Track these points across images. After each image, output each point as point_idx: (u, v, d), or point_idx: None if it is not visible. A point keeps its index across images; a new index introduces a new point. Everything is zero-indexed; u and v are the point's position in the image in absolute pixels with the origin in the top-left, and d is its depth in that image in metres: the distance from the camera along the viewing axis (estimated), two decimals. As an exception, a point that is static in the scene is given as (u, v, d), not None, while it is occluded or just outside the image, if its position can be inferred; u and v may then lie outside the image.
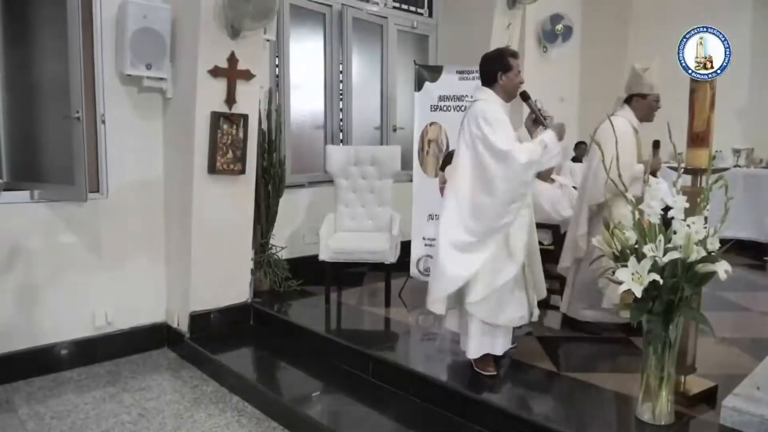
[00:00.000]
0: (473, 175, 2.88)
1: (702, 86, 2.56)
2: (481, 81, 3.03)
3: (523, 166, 2.76)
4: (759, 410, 2.36)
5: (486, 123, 2.82)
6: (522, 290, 3.03)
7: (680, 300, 2.30)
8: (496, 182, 2.79)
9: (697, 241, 2.25)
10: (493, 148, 2.79)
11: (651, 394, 2.45)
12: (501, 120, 2.85)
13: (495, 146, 2.78)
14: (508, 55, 2.98)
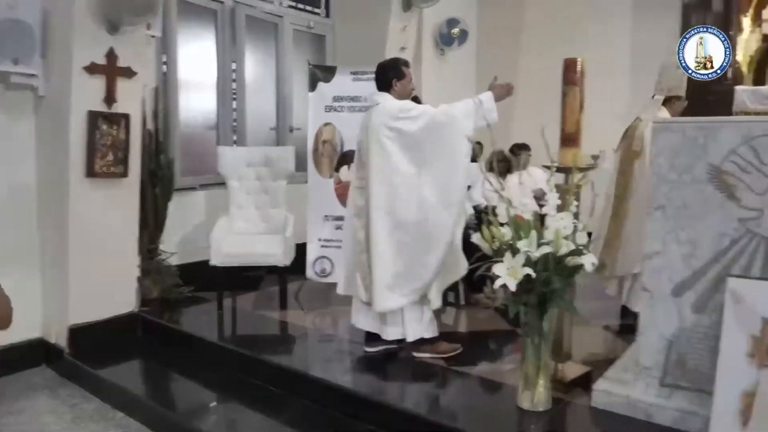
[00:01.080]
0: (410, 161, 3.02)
1: (571, 90, 2.71)
2: (378, 87, 3.24)
3: (452, 117, 2.99)
4: (625, 391, 2.53)
5: (401, 111, 3.04)
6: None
7: (553, 292, 2.41)
8: (439, 150, 2.95)
9: (565, 236, 2.37)
10: (417, 123, 2.99)
11: (529, 382, 2.56)
12: (408, 102, 3.12)
13: (418, 120, 2.99)
14: (402, 64, 3.25)
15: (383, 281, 3.08)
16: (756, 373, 2.18)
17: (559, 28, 7.52)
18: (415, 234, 3.04)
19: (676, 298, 2.39)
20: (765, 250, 2.21)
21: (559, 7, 7.59)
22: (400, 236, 3.07)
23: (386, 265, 3.08)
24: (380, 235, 3.09)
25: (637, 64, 7.18)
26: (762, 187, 2.19)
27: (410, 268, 3.04)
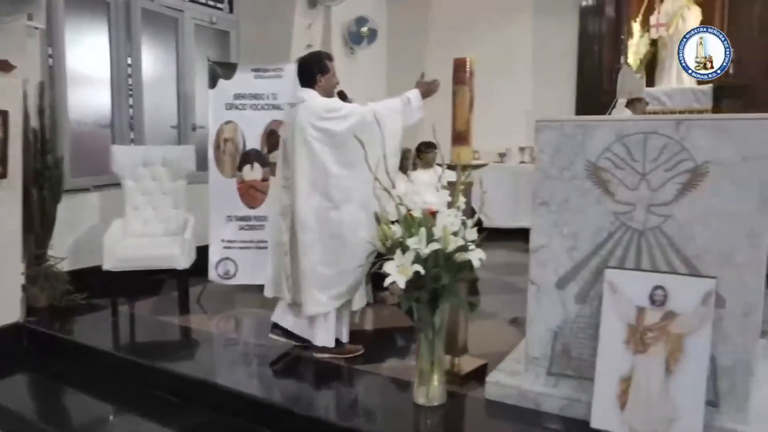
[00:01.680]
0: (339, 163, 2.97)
1: (461, 89, 2.76)
2: (301, 82, 3.14)
3: (380, 115, 2.95)
4: (516, 382, 2.61)
5: (328, 110, 2.97)
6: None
7: (444, 287, 2.45)
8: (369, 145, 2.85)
9: (455, 232, 2.41)
10: (346, 123, 2.94)
11: (424, 377, 2.59)
12: (336, 101, 3.06)
13: (347, 120, 2.94)
14: (325, 58, 3.16)
15: (312, 284, 3.03)
16: (632, 359, 2.31)
17: (464, 28, 7.70)
18: (343, 236, 3.00)
19: (560, 290, 2.49)
20: (638, 242, 2.33)
21: (463, 8, 7.77)
22: (328, 238, 3.01)
23: (315, 267, 3.02)
24: (307, 237, 3.02)
25: (539, 64, 7.48)
26: (634, 182, 2.31)
27: (339, 270, 3.00)
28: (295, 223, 3.05)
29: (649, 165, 2.28)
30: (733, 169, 2.15)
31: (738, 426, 2.21)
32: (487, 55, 7.75)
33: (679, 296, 2.24)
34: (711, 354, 2.23)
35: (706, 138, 2.18)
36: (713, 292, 2.19)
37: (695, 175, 2.21)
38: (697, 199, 2.21)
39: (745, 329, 2.20)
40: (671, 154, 2.24)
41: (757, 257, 2.15)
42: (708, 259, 2.22)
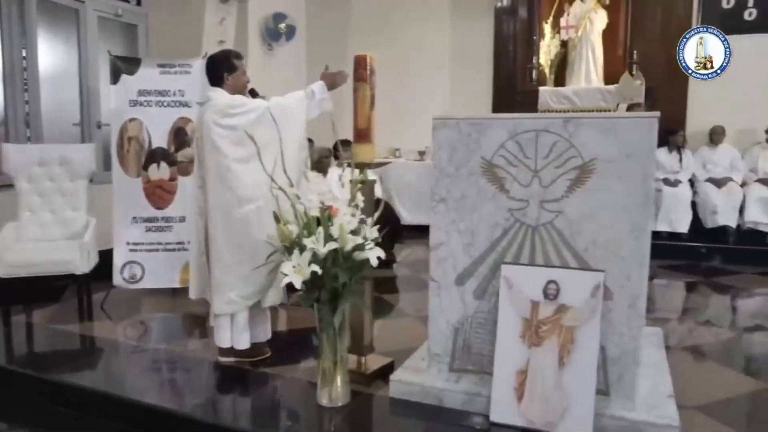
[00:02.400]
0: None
1: (362, 86, 2.73)
2: (210, 81, 3.10)
3: (285, 109, 2.93)
4: (419, 379, 2.61)
5: (232, 107, 2.90)
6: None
7: (344, 287, 2.42)
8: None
9: (354, 231, 2.39)
10: (248, 118, 2.87)
11: (327, 378, 2.55)
12: (240, 97, 3.00)
13: (250, 115, 2.88)
14: (233, 57, 3.11)
15: (223, 283, 2.96)
16: (527, 352, 2.36)
17: (384, 27, 7.73)
18: (252, 235, 2.91)
19: (459, 286, 2.51)
20: (532, 237, 2.38)
21: (382, 7, 7.79)
22: (238, 237, 2.93)
23: (226, 266, 2.95)
24: (219, 236, 2.95)
25: (458, 63, 7.59)
26: (527, 179, 2.36)
27: (249, 269, 2.90)
28: (209, 222, 3.00)
29: (540, 162, 2.33)
30: (618, 165, 2.23)
31: (626, 413, 2.30)
32: (407, 54, 7.85)
33: (571, 290, 2.30)
34: (601, 344, 2.31)
35: (593, 136, 2.25)
36: (601, 285, 2.27)
37: (583, 172, 2.28)
38: (585, 195, 2.28)
39: (630, 320, 2.29)
40: (561, 151, 2.30)
41: (641, 250, 2.24)
42: (596, 253, 2.29)
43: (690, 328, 3.93)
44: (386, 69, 7.88)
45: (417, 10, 7.67)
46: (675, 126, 6.43)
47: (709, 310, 4.46)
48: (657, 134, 2.24)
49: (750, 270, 5.44)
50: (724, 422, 2.48)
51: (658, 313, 4.22)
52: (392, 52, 7.74)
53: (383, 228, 2.53)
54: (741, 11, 6.59)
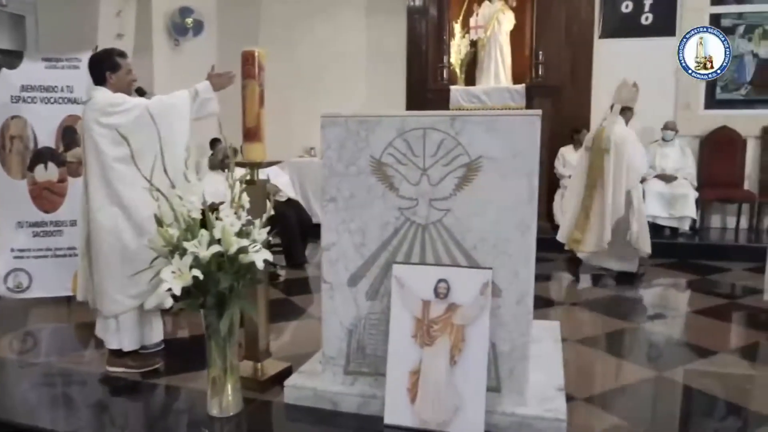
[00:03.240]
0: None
1: (250, 83, 2.64)
2: (93, 80, 3.00)
3: (167, 108, 2.84)
4: (314, 384, 2.55)
5: (111, 105, 2.81)
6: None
7: (231, 291, 2.32)
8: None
9: (240, 233, 2.29)
10: (128, 117, 2.78)
11: (217, 387, 2.44)
12: (120, 95, 2.88)
13: (130, 113, 2.78)
14: (116, 55, 3.01)
15: (109, 284, 2.86)
16: (419, 352, 2.34)
17: (296, 23, 7.61)
18: (139, 233, 2.80)
19: (352, 287, 2.46)
20: (422, 236, 2.36)
21: (295, 3, 7.66)
22: (123, 236, 2.83)
23: (108, 269, 2.85)
24: (101, 238, 2.85)
25: (372, 61, 7.57)
26: (416, 177, 2.34)
27: (134, 270, 2.75)
28: (90, 223, 2.91)
29: (428, 160, 2.32)
30: (504, 163, 2.24)
31: (517, 408, 2.32)
32: (321, 51, 7.76)
33: (460, 288, 2.30)
34: (491, 341, 2.32)
35: (479, 134, 2.26)
36: (490, 283, 2.28)
37: (470, 170, 2.28)
38: (472, 192, 2.28)
39: (519, 316, 2.31)
40: (448, 149, 2.29)
41: (527, 247, 2.26)
42: (485, 251, 2.30)
43: (590, 320, 4.06)
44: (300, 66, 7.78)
45: (331, 8, 7.59)
46: (580, 125, 6.67)
47: (611, 301, 4.62)
48: (540, 132, 2.26)
49: (649, 262, 5.70)
50: (611, 412, 2.56)
51: (564, 306, 4.35)
52: (306, 49, 7.64)
53: (290, 229, 2.45)
54: (638, 16, 6.91)
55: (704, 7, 6.82)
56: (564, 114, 6.73)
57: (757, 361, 3.30)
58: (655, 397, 2.81)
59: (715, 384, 2.93)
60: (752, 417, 2.54)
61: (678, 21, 6.82)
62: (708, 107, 6.91)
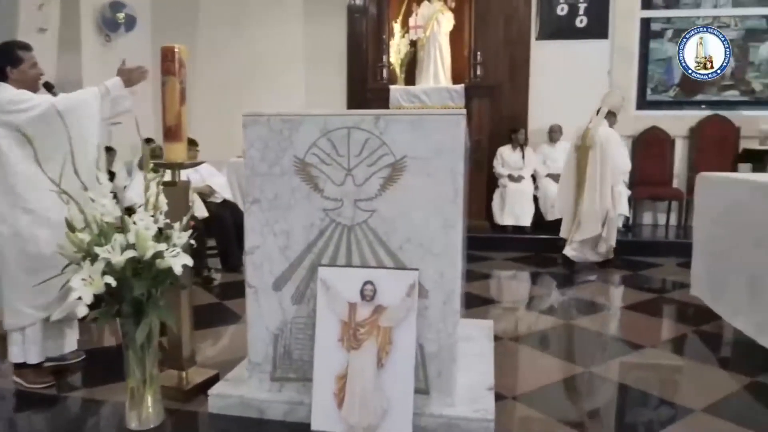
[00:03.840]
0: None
1: (170, 80, 2.53)
2: None
3: (74, 105, 2.68)
4: (239, 391, 2.47)
5: (11, 103, 2.64)
6: None
7: (149, 298, 2.22)
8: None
9: (155, 237, 2.19)
10: (30, 114, 2.62)
11: (137, 399, 2.33)
12: (23, 92, 2.70)
13: (33, 111, 2.62)
14: (18, 48, 2.81)
15: (12, 295, 2.70)
16: (346, 356, 2.29)
17: (234, 20, 7.45)
18: (39, 242, 2.65)
19: (277, 291, 2.39)
20: (348, 238, 2.32)
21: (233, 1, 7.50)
22: (30, 245, 2.66)
23: (12, 277, 2.68)
24: (4, 244, 2.68)
25: (311, 59, 7.47)
26: (340, 178, 2.29)
27: (40, 279, 2.58)
28: None
29: (353, 160, 2.27)
30: (429, 162, 2.22)
31: (446, 410, 2.30)
32: (260, 49, 7.61)
33: (387, 290, 2.27)
34: (418, 343, 2.29)
35: (403, 133, 2.23)
36: (416, 284, 2.25)
37: (395, 170, 2.25)
38: (397, 192, 2.25)
39: (446, 316, 2.29)
40: (372, 149, 2.25)
41: (453, 246, 2.25)
42: (411, 251, 2.27)
43: (526, 318, 4.11)
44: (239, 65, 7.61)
45: (271, 5, 7.46)
46: (518, 125, 6.78)
47: (547, 298, 4.70)
48: (464, 131, 2.25)
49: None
50: (539, 410, 2.58)
51: (501, 304, 4.39)
52: (246, 48, 7.49)
53: (225, 231, 2.35)
54: (573, 19, 7.08)
55: (635, 11, 7.05)
56: (503, 114, 6.83)
57: (684, 354, 3.40)
58: (583, 393, 2.85)
59: (642, 378, 3.00)
60: (679, 409, 2.60)
61: (610, 24, 7.02)
62: (639, 108, 7.14)
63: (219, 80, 7.37)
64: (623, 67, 7.05)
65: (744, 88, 7.05)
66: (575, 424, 2.46)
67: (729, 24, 7.01)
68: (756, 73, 7.02)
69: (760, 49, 6.99)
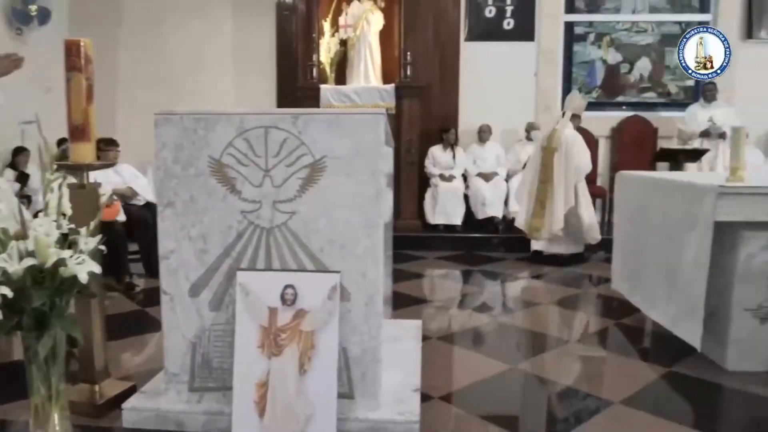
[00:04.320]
0: None
1: (75, 77, 2.38)
2: None
3: None
4: (156, 404, 2.35)
5: None
6: None
7: (53, 309, 2.08)
8: None
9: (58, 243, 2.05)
10: None
11: (41, 417, 2.18)
12: None
13: None
14: None
15: None
16: (267, 363, 2.22)
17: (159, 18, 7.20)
18: None
19: (194, 297, 2.30)
20: (267, 240, 2.25)
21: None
22: None
23: None
24: None
25: (240, 59, 7.31)
26: (258, 179, 2.22)
27: None
28: None
29: (271, 160, 2.21)
30: (349, 162, 2.18)
31: (371, 413, 2.27)
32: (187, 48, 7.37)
33: (308, 293, 2.21)
34: (342, 346, 2.25)
35: (322, 133, 2.18)
36: (338, 286, 2.21)
37: (314, 170, 2.20)
38: (318, 193, 2.20)
39: (369, 318, 2.26)
40: (291, 149, 2.19)
41: (375, 247, 2.22)
42: (332, 253, 2.23)
43: (454, 316, 4.14)
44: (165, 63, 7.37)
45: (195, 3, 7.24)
46: (448, 125, 6.84)
47: (478, 296, 4.76)
48: (385, 130, 2.23)
49: (514, 256, 5.96)
50: (465, 409, 2.58)
51: (432, 303, 4.40)
52: (171, 45, 7.24)
53: (148, 235, 2.23)
54: (501, 21, 7.22)
55: (559, 15, 7.26)
56: (434, 114, 6.88)
57: (606, 347, 3.50)
58: (509, 390, 2.88)
59: (565, 372, 3.08)
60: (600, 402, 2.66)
61: (536, 27, 7.20)
62: (565, 109, 7.35)
63: (144, 78, 7.10)
64: (549, 69, 7.25)
65: (661, 90, 7.40)
66: (500, 421, 2.48)
67: (646, 29, 7.35)
68: (671, 76, 7.38)
69: (675, 54, 7.35)
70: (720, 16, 7.13)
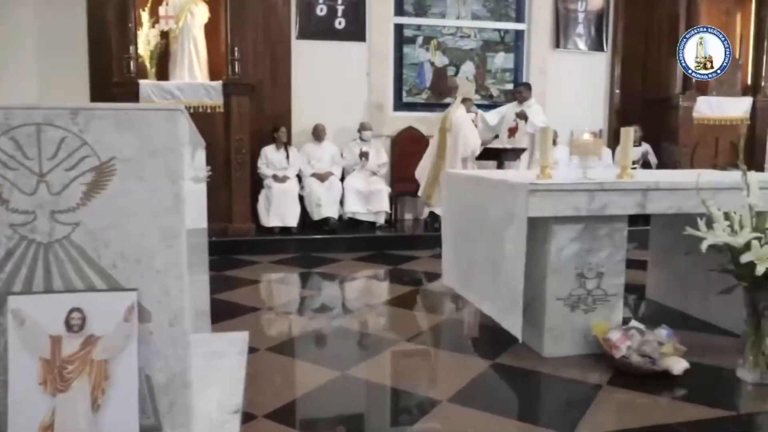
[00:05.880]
0: None
1: None
2: None
3: None
4: None
5: None
6: None
7: None
8: None
9: None
10: None
11: None
12: None
13: None
14: None
15: None
16: (51, 401, 1.89)
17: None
18: None
19: None
20: (45, 258, 1.91)
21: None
22: None
23: None
24: None
25: (45, 50, 6.52)
26: (31, 185, 1.88)
27: None
28: None
29: (47, 164, 1.87)
30: (142, 164, 1.92)
31: (181, 444, 2.03)
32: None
33: (99, 316, 1.92)
34: (144, 374, 1.99)
35: (109, 131, 1.90)
36: (135, 306, 1.94)
37: (101, 174, 1.90)
38: (106, 201, 1.91)
39: (175, 339, 2.01)
40: (71, 150, 1.88)
41: (176, 260, 1.98)
42: (127, 269, 1.95)
43: (286, 324, 3.97)
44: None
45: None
46: (281, 124, 6.65)
47: (316, 299, 4.63)
48: (189, 129, 2.00)
49: (350, 256, 5.93)
50: (291, 425, 2.44)
51: (261, 311, 4.19)
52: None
53: None
54: (332, 20, 7.17)
55: (389, 17, 7.37)
56: (265, 112, 6.67)
57: (438, 344, 3.55)
58: (337, 399, 2.78)
59: (394, 373, 3.05)
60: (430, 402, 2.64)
61: (367, 28, 7.25)
62: (397, 109, 7.51)
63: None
64: (380, 69, 7.34)
65: (484, 93, 7.82)
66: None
67: (469, 35, 7.72)
68: (493, 79, 7.83)
69: (495, 59, 7.81)
70: (532, 26, 7.70)
